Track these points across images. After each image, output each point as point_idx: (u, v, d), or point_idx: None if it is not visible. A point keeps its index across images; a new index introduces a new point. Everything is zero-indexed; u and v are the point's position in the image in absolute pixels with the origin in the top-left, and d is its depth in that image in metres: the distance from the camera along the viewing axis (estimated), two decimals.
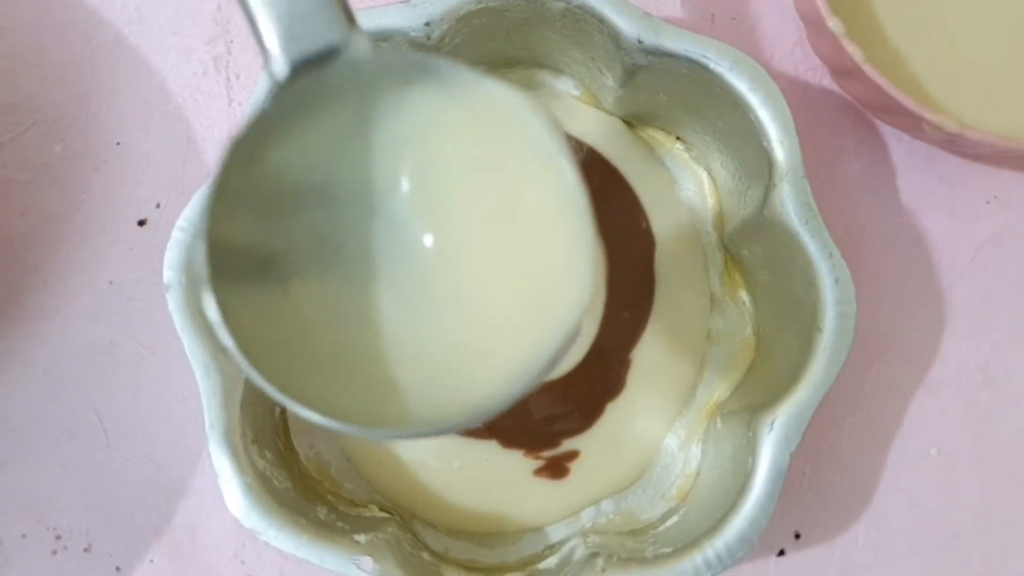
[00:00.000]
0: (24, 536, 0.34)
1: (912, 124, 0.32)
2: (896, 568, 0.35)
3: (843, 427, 0.35)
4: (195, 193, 0.29)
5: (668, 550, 0.28)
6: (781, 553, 0.35)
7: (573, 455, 0.34)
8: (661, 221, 0.35)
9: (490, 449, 0.33)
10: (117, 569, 0.34)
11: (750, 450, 0.29)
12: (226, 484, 0.28)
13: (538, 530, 0.34)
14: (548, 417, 0.34)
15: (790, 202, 0.29)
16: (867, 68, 0.31)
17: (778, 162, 0.29)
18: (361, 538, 0.29)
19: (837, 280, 0.28)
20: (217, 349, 0.28)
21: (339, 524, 0.30)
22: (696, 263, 0.35)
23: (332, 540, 0.28)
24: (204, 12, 0.36)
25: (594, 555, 0.29)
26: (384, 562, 0.28)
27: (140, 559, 0.34)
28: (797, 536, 0.35)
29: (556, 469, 0.34)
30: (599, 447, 0.34)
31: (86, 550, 0.34)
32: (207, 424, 0.28)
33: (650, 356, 0.34)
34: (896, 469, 0.35)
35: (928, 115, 0.31)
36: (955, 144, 0.34)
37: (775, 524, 0.29)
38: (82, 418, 0.34)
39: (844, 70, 0.33)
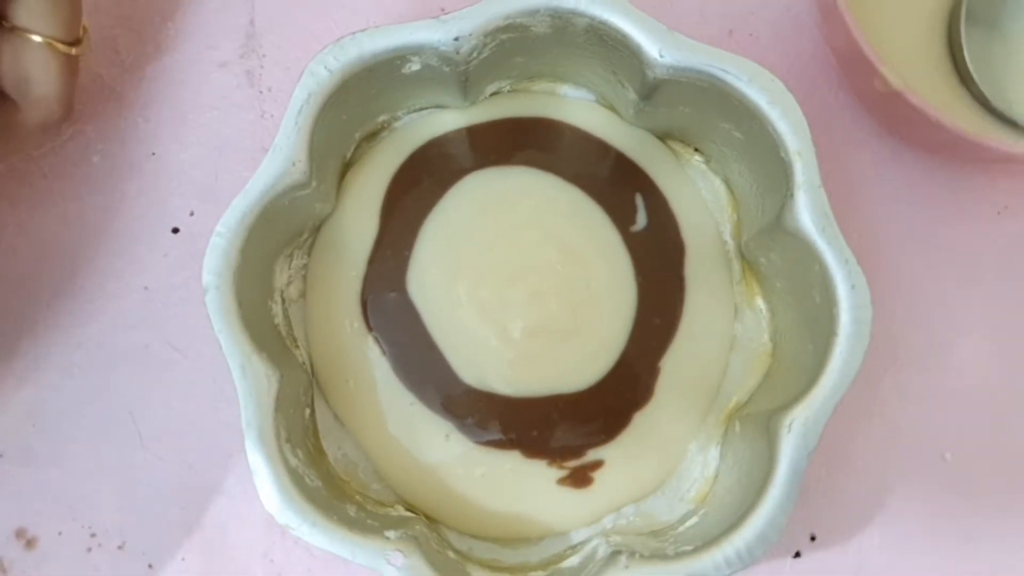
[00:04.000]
0: (60, 534, 0.35)
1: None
2: (910, 571, 0.35)
3: (858, 431, 0.35)
4: (232, 200, 0.30)
5: (689, 548, 0.29)
6: (797, 555, 0.35)
7: (597, 464, 0.34)
8: (690, 227, 0.35)
9: (513, 459, 0.33)
10: (149, 566, 0.35)
11: (768, 451, 0.29)
12: (261, 481, 0.29)
13: (560, 533, 0.34)
14: (574, 428, 0.33)
15: (807, 211, 0.29)
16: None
17: (796, 173, 0.29)
18: (391, 534, 0.29)
19: (853, 286, 0.29)
20: (253, 350, 0.29)
21: (369, 522, 0.30)
22: (722, 269, 0.35)
23: (364, 536, 0.28)
24: (238, 28, 0.37)
25: (616, 553, 0.29)
26: (413, 558, 0.28)
27: (172, 557, 0.35)
28: (813, 538, 0.35)
29: (580, 478, 0.33)
30: (624, 456, 0.34)
31: (120, 548, 0.35)
32: (243, 423, 0.29)
33: (678, 364, 0.34)
34: (910, 473, 0.35)
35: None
36: (967, 152, 0.34)
37: (791, 526, 0.29)
38: (117, 420, 0.35)
39: (853, 60, 0.34)
